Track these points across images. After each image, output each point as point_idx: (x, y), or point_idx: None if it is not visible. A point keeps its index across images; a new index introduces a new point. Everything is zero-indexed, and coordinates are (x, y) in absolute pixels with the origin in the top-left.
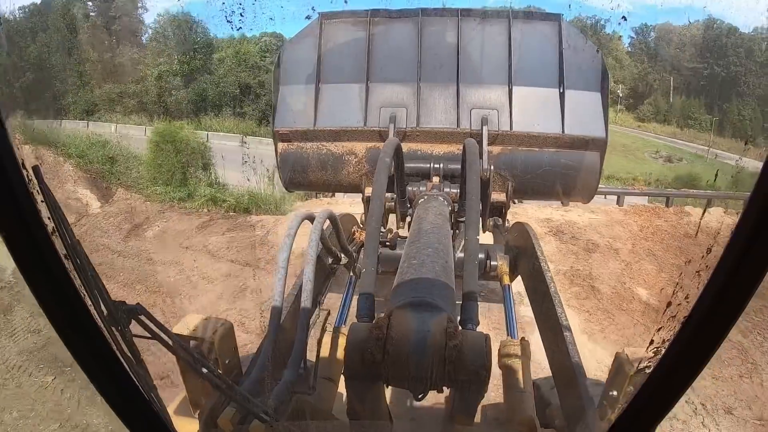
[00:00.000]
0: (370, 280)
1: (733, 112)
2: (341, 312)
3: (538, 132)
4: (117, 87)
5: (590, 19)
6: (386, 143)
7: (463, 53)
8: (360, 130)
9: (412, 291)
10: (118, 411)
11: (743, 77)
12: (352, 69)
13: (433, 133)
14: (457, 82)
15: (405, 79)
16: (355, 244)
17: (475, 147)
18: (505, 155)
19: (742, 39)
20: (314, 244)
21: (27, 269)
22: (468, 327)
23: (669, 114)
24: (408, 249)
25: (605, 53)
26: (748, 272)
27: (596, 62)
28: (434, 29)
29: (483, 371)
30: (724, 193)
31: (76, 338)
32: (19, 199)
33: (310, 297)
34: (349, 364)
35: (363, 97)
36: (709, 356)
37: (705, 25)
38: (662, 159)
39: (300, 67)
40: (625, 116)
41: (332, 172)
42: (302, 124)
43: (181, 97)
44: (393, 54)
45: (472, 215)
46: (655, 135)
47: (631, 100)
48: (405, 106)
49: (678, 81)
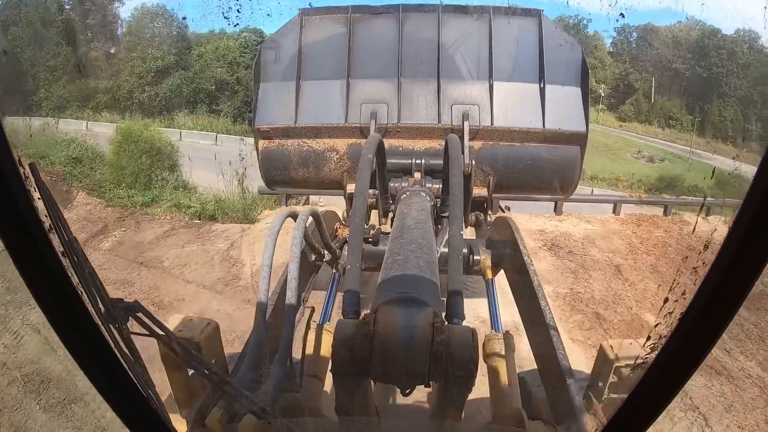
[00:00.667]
0: (355, 277)
1: (714, 113)
2: (325, 309)
3: (519, 127)
4: (89, 82)
5: (572, 18)
6: (368, 139)
7: (443, 49)
8: (341, 126)
9: (398, 287)
10: (115, 408)
11: (725, 78)
12: (333, 65)
13: (414, 128)
14: (438, 77)
15: (386, 75)
16: (338, 241)
17: (458, 143)
18: (486, 150)
19: (725, 41)
20: (298, 242)
21: (24, 266)
22: (454, 322)
23: (650, 114)
24: (392, 245)
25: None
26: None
27: (576, 57)
28: (415, 25)
29: (471, 365)
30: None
31: (74, 336)
32: (16, 196)
33: (295, 294)
34: (336, 361)
35: (344, 93)
36: (705, 353)
37: (687, 27)
38: (644, 159)
39: (280, 64)
40: (606, 116)
41: (314, 169)
42: (283, 121)
43: (154, 94)
44: (374, 50)
45: (455, 211)
46: (636, 135)
47: (612, 100)
48: (386, 102)
49: (659, 81)
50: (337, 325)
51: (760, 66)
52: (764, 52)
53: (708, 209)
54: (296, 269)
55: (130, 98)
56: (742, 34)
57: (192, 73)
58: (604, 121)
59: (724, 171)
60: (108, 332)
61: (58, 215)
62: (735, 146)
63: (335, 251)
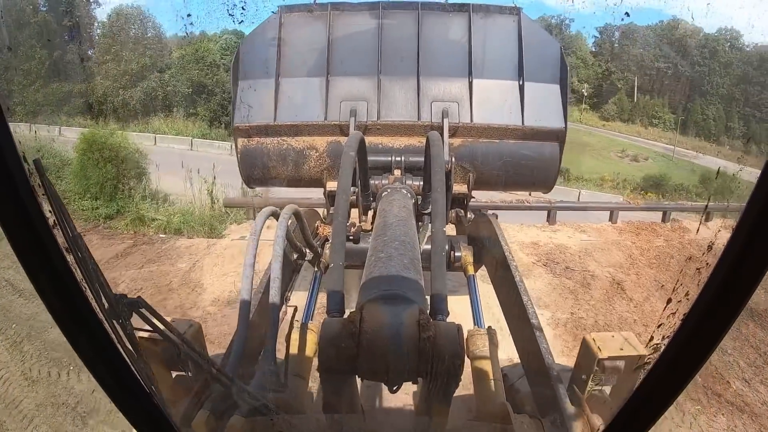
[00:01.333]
0: (338, 275)
1: (697, 111)
2: (308, 307)
3: (498, 124)
4: (64, 86)
5: (555, 18)
6: (350, 137)
7: (423, 46)
8: (321, 124)
9: (383, 284)
10: (118, 403)
11: (707, 77)
12: (312, 62)
13: (394, 126)
14: (418, 74)
15: (365, 72)
16: (319, 239)
17: (439, 140)
18: (465, 147)
19: (707, 39)
20: (280, 241)
21: (28, 262)
22: (438, 318)
23: (633, 113)
24: (374, 242)
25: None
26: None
27: (555, 55)
28: (395, 22)
29: (458, 361)
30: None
31: (78, 331)
32: (21, 192)
33: (278, 293)
34: (323, 360)
35: (323, 90)
36: (708, 353)
37: (669, 26)
38: (628, 158)
39: (259, 62)
40: (589, 115)
41: (293, 168)
42: (262, 119)
43: (129, 97)
44: (353, 47)
45: (438, 208)
46: (619, 134)
47: (595, 99)
48: (365, 99)
49: (642, 80)
50: (323, 324)
51: (741, 64)
52: (745, 50)
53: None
54: (279, 268)
55: (104, 102)
56: (724, 33)
57: (168, 75)
58: (587, 121)
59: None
60: (111, 328)
61: (62, 211)
62: (718, 144)
63: (317, 250)
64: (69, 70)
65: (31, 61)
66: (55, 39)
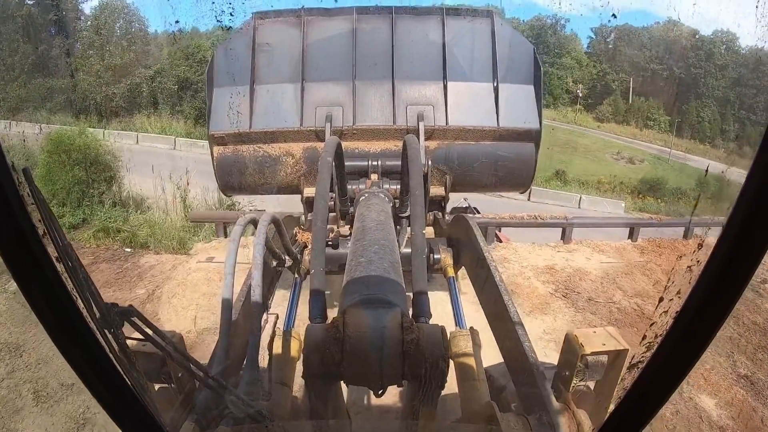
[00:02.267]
0: (320, 281)
1: (692, 113)
2: (289, 314)
3: (474, 126)
4: (47, 82)
5: (550, 18)
6: (327, 143)
7: (398, 50)
8: (296, 130)
9: (364, 288)
10: (111, 413)
11: (702, 79)
12: (287, 69)
13: (370, 130)
14: (393, 79)
15: (340, 77)
16: (298, 245)
17: (416, 143)
18: (441, 150)
19: (703, 41)
20: (260, 248)
21: (18, 272)
22: (421, 320)
23: (628, 115)
24: (354, 247)
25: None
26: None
27: (529, 56)
28: (369, 27)
29: (442, 362)
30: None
31: (69, 340)
32: (10, 201)
33: (260, 301)
34: (308, 366)
35: (298, 96)
36: (701, 351)
37: (665, 28)
38: (624, 160)
39: (234, 68)
40: (584, 116)
41: (270, 174)
42: (237, 127)
43: (111, 94)
44: (328, 52)
45: (417, 210)
46: (614, 136)
47: (590, 100)
48: (341, 104)
49: (637, 82)
50: (306, 330)
51: (736, 67)
52: (741, 53)
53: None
54: (260, 276)
55: (86, 99)
56: (720, 35)
57: (153, 71)
58: (582, 122)
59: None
60: (103, 337)
61: (52, 221)
62: (713, 147)
63: (296, 256)
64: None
65: (14, 56)
66: (41, 33)
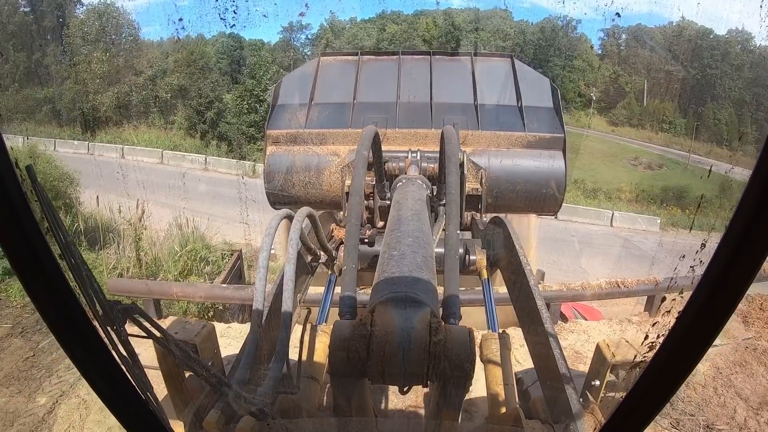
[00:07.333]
0: (351, 278)
1: (709, 115)
2: (322, 310)
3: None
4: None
5: (562, 20)
6: (363, 133)
7: (435, 81)
8: (344, 132)
9: (395, 285)
10: (114, 410)
11: (719, 80)
12: (342, 93)
13: (410, 134)
14: (431, 98)
15: (386, 98)
16: (334, 242)
17: (454, 135)
18: (476, 153)
19: (718, 41)
20: (294, 243)
21: (21, 269)
22: (450, 322)
23: (643, 118)
24: (388, 238)
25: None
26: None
27: (546, 86)
28: (411, 65)
29: (468, 365)
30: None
31: (72, 338)
32: (13, 198)
33: (292, 296)
34: (334, 362)
35: (349, 110)
36: (704, 350)
37: (679, 27)
38: (642, 165)
39: (297, 89)
40: (598, 120)
41: (315, 173)
42: (292, 128)
43: (99, 103)
44: (376, 83)
45: (452, 209)
46: (630, 140)
47: (603, 104)
48: (386, 116)
49: (651, 84)
50: (333, 327)
51: (753, 67)
52: (757, 52)
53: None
54: (292, 270)
55: (73, 108)
56: (735, 35)
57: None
58: (597, 126)
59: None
60: (106, 334)
61: (55, 218)
62: (730, 150)
63: (331, 252)
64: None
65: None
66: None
